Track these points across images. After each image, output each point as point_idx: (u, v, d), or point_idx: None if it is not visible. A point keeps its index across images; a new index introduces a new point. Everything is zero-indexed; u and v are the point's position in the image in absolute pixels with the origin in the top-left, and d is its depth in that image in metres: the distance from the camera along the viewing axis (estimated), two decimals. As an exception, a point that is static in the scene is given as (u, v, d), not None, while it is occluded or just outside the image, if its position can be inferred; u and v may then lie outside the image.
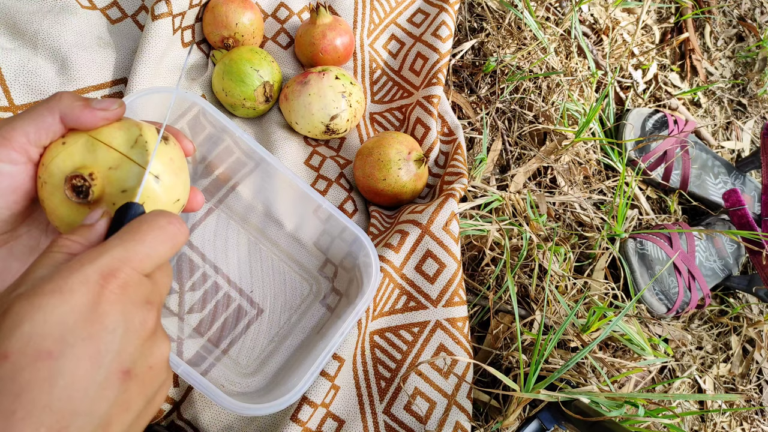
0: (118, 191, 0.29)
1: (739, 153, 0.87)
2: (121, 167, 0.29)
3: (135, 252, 0.24)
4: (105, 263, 0.22)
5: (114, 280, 0.22)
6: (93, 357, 0.21)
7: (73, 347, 0.21)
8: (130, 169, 0.29)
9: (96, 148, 0.29)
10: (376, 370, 0.52)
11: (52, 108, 0.28)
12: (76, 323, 0.21)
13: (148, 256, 0.24)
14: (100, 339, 0.21)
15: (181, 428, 0.48)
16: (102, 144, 0.29)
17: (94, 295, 0.22)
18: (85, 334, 0.21)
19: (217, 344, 0.50)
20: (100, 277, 0.22)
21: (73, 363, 0.20)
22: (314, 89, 0.56)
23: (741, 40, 0.96)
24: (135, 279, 0.23)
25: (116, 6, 0.58)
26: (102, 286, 0.22)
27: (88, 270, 0.22)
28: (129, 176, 0.29)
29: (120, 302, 0.22)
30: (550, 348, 0.52)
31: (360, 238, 0.46)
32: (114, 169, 0.29)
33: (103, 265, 0.22)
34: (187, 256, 0.52)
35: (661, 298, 0.67)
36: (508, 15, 0.72)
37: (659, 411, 0.52)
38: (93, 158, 0.29)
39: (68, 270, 0.22)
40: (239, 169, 0.52)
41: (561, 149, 0.70)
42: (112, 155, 0.29)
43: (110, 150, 0.29)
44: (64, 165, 0.28)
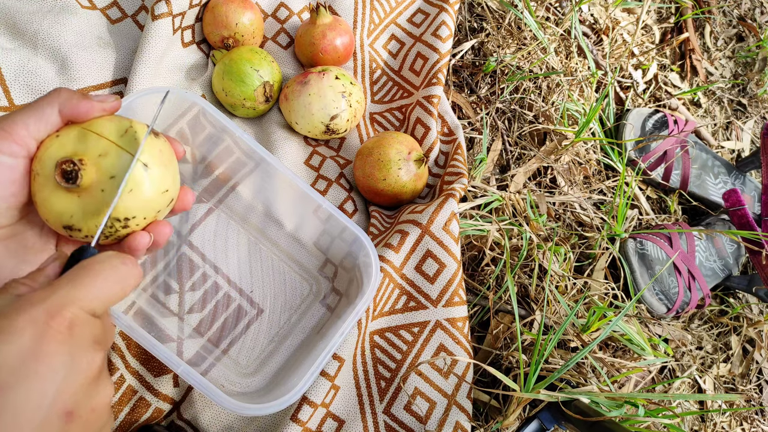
0: (107, 177, 0.29)
1: (739, 153, 0.87)
2: (110, 154, 0.29)
3: (84, 292, 0.23)
4: (52, 303, 0.22)
5: (61, 320, 0.22)
6: (36, 397, 0.21)
7: (16, 387, 0.20)
8: (120, 156, 0.29)
9: (87, 138, 0.29)
10: (376, 370, 0.52)
11: (52, 101, 0.28)
12: (21, 362, 0.21)
13: (97, 297, 0.24)
14: (45, 379, 0.21)
15: (181, 428, 0.48)
16: (93, 133, 0.29)
17: (39, 335, 0.21)
18: (29, 373, 0.21)
19: (217, 344, 0.50)
20: (47, 316, 0.22)
21: (16, 402, 0.20)
22: (314, 89, 0.56)
23: (741, 40, 0.96)
24: (82, 319, 0.23)
25: (116, 6, 0.58)
26: (48, 325, 0.22)
27: (36, 310, 0.22)
28: (118, 163, 0.29)
29: (66, 343, 0.22)
30: (550, 348, 0.52)
31: (360, 238, 0.46)
32: (103, 156, 0.29)
33: (50, 305, 0.22)
34: (187, 256, 0.52)
35: (661, 298, 0.67)
36: (508, 15, 0.72)
37: (659, 411, 0.52)
38: (84, 146, 0.29)
39: (15, 310, 0.22)
40: (239, 169, 0.52)
41: (561, 149, 0.70)
42: (102, 143, 0.29)
43: (100, 138, 0.29)
44: (56, 154, 0.29)
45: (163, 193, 0.31)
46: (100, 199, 0.29)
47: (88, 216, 0.29)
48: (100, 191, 0.29)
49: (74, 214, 0.29)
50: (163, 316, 0.49)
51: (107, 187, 0.29)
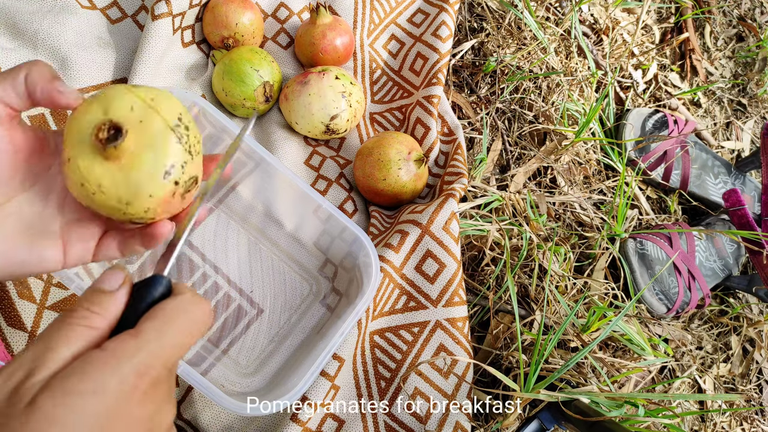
0: (145, 146, 0.28)
1: (739, 153, 0.87)
2: (150, 123, 0.28)
3: (168, 349, 0.23)
4: (140, 360, 0.22)
5: (147, 379, 0.22)
6: None
7: None
8: (159, 125, 0.28)
9: (131, 101, 0.28)
10: (376, 370, 0.52)
11: (20, 70, 0.27)
12: (107, 425, 0.20)
13: (177, 351, 0.23)
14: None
15: (181, 428, 0.48)
16: (137, 97, 0.28)
17: (127, 396, 0.21)
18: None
19: (217, 344, 0.50)
20: (135, 376, 0.21)
21: None
22: (314, 89, 0.56)
23: (741, 40, 0.96)
24: (164, 375, 0.23)
25: (116, 6, 0.58)
26: (136, 386, 0.21)
27: (126, 369, 0.21)
28: (156, 132, 0.28)
29: (150, 402, 0.22)
30: (550, 348, 0.52)
31: (360, 238, 0.46)
32: (144, 123, 0.28)
33: (139, 364, 0.22)
34: (187, 256, 0.52)
35: (661, 298, 0.67)
36: (508, 15, 0.72)
37: (659, 411, 0.52)
38: (127, 112, 0.28)
39: (104, 367, 0.21)
40: (239, 169, 0.52)
41: (561, 149, 0.70)
42: (147, 111, 0.28)
43: (145, 105, 0.28)
44: (94, 117, 0.28)
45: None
46: (135, 164, 0.28)
47: (120, 183, 0.28)
48: (137, 157, 0.28)
49: (106, 179, 0.28)
50: (163, 316, 0.49)
51: (144, 154, 0.28)
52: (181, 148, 0.29)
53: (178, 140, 0.29)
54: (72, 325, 0.22)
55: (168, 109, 0.29)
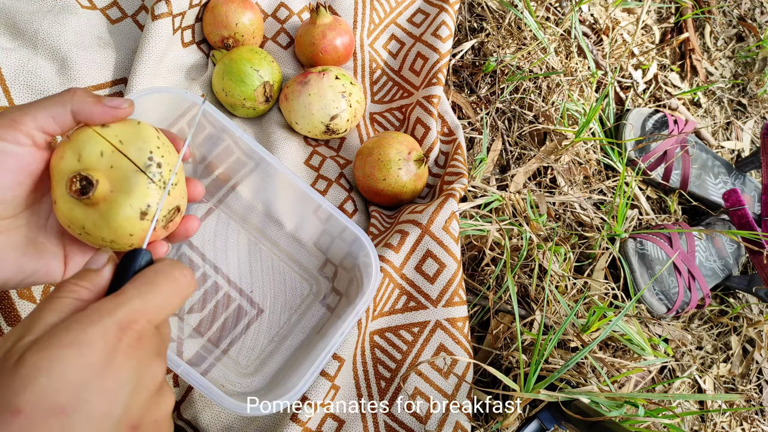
0: (118, 190, 0.29)
1: (739, 153, 0.87)
2: (122, 167, 0.30)
3: (150, 304, 0.24)
4: (122, 315, 0.22)
5: (131, 333, 0.22)
6: (105, 413, 0.21)
7: (87, 403, 0.21)
8: (130, 169, 0.30)
9: (97, 144, 0.29)
10: (376, 370, 0.52)
11: (65, 102, 0.29)
12: (92, 378, 0.21)
13: (161, 309, 0.24)
14: (113, 394, 0.21)
15: (181, 428, 0.48)
16: (104, 140, 0.30)
17: (110, 349, 0.22)
18: (100, 390, 0.21)
19: (217, 344, 0.50)
20: (117, 329, 0.22)
21: (86, 419, 0.20)
22: (314, 89, 0.56)
23: (741, 40, 0.96)
24: (149, 331, 0.23)
25: (116, 6, 0.58)
26: (119, 339, 0.22)
27: (107, 322, 0.22)
28: (129, 176, 0.30)
29: (135, 356, 0.22)
30: (550, 348, 0.52)
31: (360, 238, 0.46)
32: (115, 169, 0.29)
33: (120, 317, 0.22)
34: (187, 256, 0.52)
35: (661, 298, 0.67)
36: (508, 15, 0.72)
37: (659, 411, 0.52)
38: (95, 156, 0.29)
39: (87, 321, 0.22)
40: (239, 169, 0.52)
41: (561, 149, 0.70)
42: (113, 154, 0.30)
43: (112, 149, 0.30)
44: (67, 166, 0.29)
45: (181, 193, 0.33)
46: (112, 209, 0.29)
47: (101, 225, 0.30)
48: (112, 202, 0.29)
49: (88, 223, 0.30)
50: (163, 316, 0.49)
51: (119, 198, 0.29)
52: (155, 187, 0.30)
53: (150, 181, 0.30)
54: (60, 298, 0.23)
55: (138, 148, 0.30)
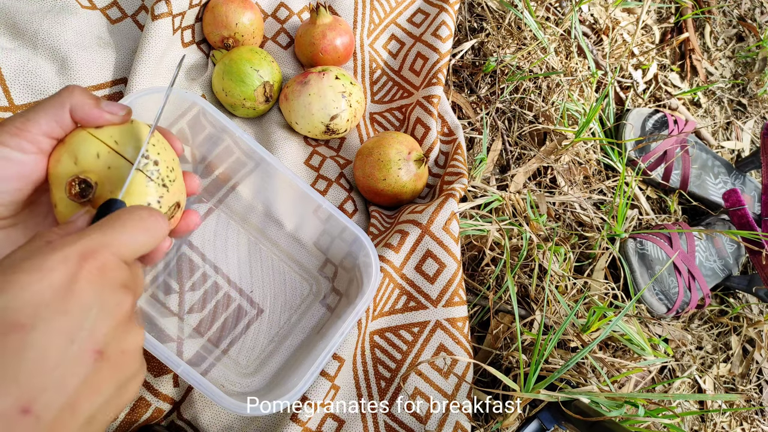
0: (117, 189, 0.30)
1: (739, 153, 0.87)
2: (120, 167, 0.30)
3: (114, 238, 0.24)
4: (84, 245, 0.23)
5: (93, 261, 0.23)
6: (66, 332, 0.21)
7: (47, 321, 0.21)
8: (127, 167, 0.30)
9: (93, 146, 0.30)
10: (376, 370, 0.52)
11: (64, 102, 0.29)
12: (52, 299, 0.21)
13: (126, 244, 0.24)
14: (75, 315, 0.21)
15: (181, 428, 0.48)
16: (100, 142, 0.30)
17: (71, 274, 0.22)
18: (60, 309, 0.21)
19: (217, 344, 0.50)
20: (79, 257, 0.22)
21: (45, 337, 0.20)
22: (314, 89, 0.56)
23: (741, 40, 0.96)
24: (113, 263, 0.24)
25: (116, 6, 0.58)
26: (80, 265, 0.22)
27: (68, 250, 0.22)
28: (126, 174, 0.30)
29: (97, 282, 0.22)
30: (550, 348, 0.52)
31: (360, 238, 0.46)
32: (113, 169, 0.30)
33: (82, 247, 0.23)
34: (187, 256, 0.52)
35: (661, 298, 0.67)
36: (508, 15, 0.72)
37: (659, 411, 0.52)
38: (91, 158, 0.30)
39: (48, 250, 0.22)
40: (239, 169, 0.52)
41: (561, 149, 0.70)
42: (110, 155, 0.30)
43: (108, 149, 0.30)
44: (65, 170, 0.29)
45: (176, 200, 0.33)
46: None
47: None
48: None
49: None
50: (163, 316, 0.49)
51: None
52: (153, 185, 0.31)
53: (149, 178, 0.30)
54: (32, 241, 0.24)
55: (134, 147, 0.30)
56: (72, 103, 0.29)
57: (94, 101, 0.30)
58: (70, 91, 0.29)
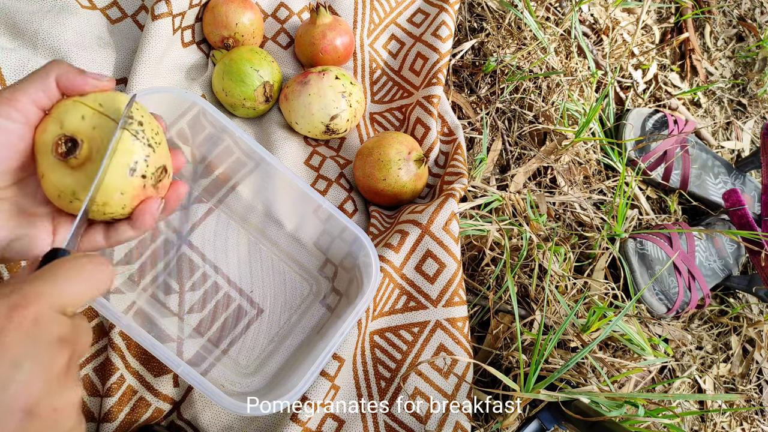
0: (102, 149, 0.30)
1: (739, 153, 0.87)
2: (104, 126, 0.30)
3: (51, 289, 0.23)
4: (17, 296, 0.22)
5: (24, 313, 0.22)
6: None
7: None
8: (112, 128, 0.31)
9: (79, 110, 0.31)
10: (376, 370, 0.52)
11: (49, 72, 0.30)
12: None
13: (65, 295, 0.23)
14: (2, 372, 0.21)
15: (181, 428, 0.48)
16: (85, 105, 0.31)
17: (0, 327, 0.21)
18: None
19: (217, 344, 0.50)
20: (9, 309, 0.22)
21: None
22: (314, 89, 0.56)
23: (741, 40, 0.96)
24: (49, 316, 0.23)
25: (116, 6, 0.58)
26: (9, 318, 0.21)
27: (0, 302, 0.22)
28: (111, 135, 0.30)
29: (29, 337, 0.22)
30: (550, 348, 0.52)
31: (360, 238, 0.46)
32: (97, 129, 0.30)
33: (15, 299, 0.22)
34: (187, 256, 0.52)
35: (661, 298, 0.67)
36: (508, 15, 0.72)
37: (659, 411, 0.52)
38: (77, 120, 0.30)
39: None
40: (239, 169, 0.52)
41: (561, 149, 0.70)
42: (94, 116, 0.31)
43: (93, 111, 0.31)
44: (51, 131, 0.30)
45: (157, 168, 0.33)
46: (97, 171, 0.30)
47: (87, 188, 0.30)
48: (99, 162, 0.30)
49: (78, 187, 0.30)
50: (163, 316, 0.49)
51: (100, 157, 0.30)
52: (139, 144, 0.31)
53: (134, 137, 0.31)
54: None
55: (117, 109, 0.31)
56: (57, 72, 0.30)
57: (78, 70, 0.30)
58: (55, 62, 0.30)
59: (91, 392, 0.46)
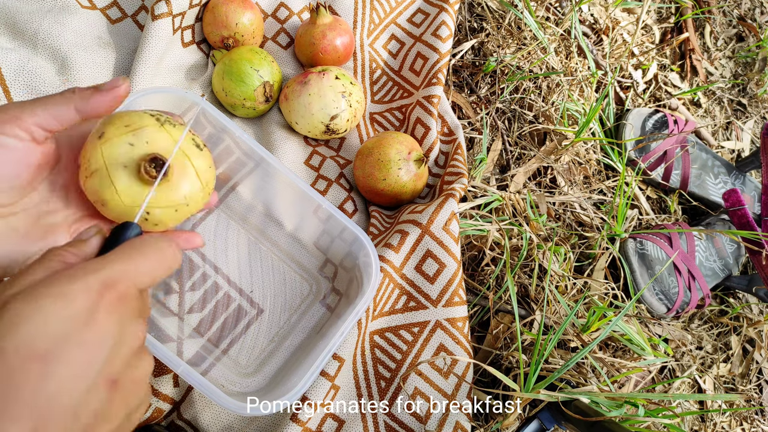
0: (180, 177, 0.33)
1: (739, 153, 0.87)
2: (177, 157, 0.33)
3: (135, 268, 0.25)
4: (107, 274, 0.23)
5: (114, 291, 0.23)
6: (84, 363, 0.21)
7: (66, 352, 0.21)
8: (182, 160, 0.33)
9: (159, 139, 0.32)
10: (376, 370, 0.52)
11: (67, 99, 0.30)
12: (73, 329, 0.21)
13: (145, 274, 0.25)
14: (94, 347, 0.22)
15: (181, 428, 0.48)
16: (168, 135, 0.33)
17: (93, 304, 0.22)
18: (80, 341, 0.21)
19: (217, 344, 0.50)
20: (101, 286, 0.23)
21: (65, 367, 0.21)
22: (314, 89, 0.56)
23: (741, 40, 0.96)
24: (132, 293, 0.24)
25: (116, 6, 0.58)
26: (102, 295, 0.23)
27: (90, 279, 0.23)
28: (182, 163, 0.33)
29: (117, 313, 0.23)
30: (550, 348, 0.52)
31: (360, 238, 0.46)
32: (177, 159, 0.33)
33: (104, 276, 0.23)
34: (187, 256, 0.52)
35: (661, 298, 0.67)
36: (508, 15, 0.72)
37: (659, 411, 0.52)
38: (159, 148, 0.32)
39: (71, 277, 0.22)
40: (239, 169, 0.52)
41: (561, 149, 0.70)
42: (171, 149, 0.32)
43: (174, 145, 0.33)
44: (124, 152, 0.31)
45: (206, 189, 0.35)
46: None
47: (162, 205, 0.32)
48: (166, 188, 0.32)
49: (137, 196, 0.32)
50: (163, 316, 0.49)
51: (180, 186, 0.33)
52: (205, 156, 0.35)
53: (199, 148, 0.35)
54: (47, 260, 0.24)
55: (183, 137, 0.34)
56: (76, 102, 0.30)
57: (92, 90, 0.31)
58: (72, 90, 0.30)
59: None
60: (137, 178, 0.31)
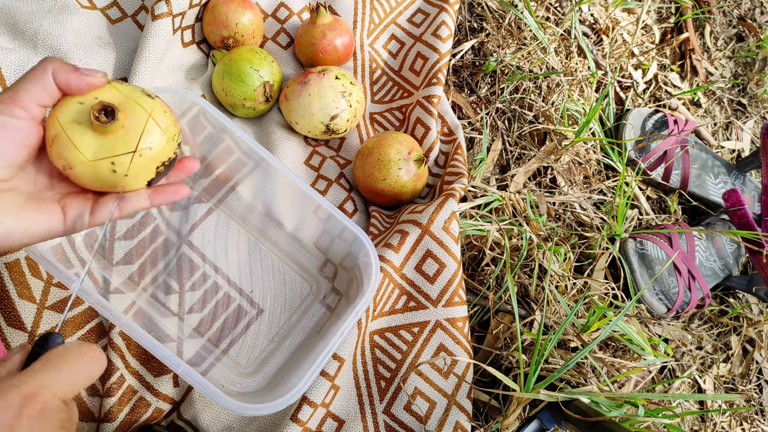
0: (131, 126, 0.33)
1: (739, 153, 0.87)
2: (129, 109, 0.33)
3: (55, 379, 0.25)
4: (26, 389, 0.23)
5: (35, 405, 0.23)
6: None
7: None
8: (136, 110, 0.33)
9: (105, 93, 0.33)
10: (376, 370, 0.52)
11: (46, 69, 0.31)
12: None
13: (66, 384, 0.25)
14: None
15: (181, 428, 0.48)
16: (115, 88, 0.33)
17: (13, 418, 0.22)
18: None
19: (217, 344, 0.50)
20: (22, 399, 0.23)
21: None
22: (314, 89, 0.56)
23: (741, 40, 0.96)
24: (54, 405, 0.24)
25: (116, 6, 0.58)
26: (22, 409, 0.23)
27: (10, 394, 0.23)
28: (138, 115, 0.33)
29: (38, 427, 0.23)
30: (550, 348, 0.52)
31: (360, 238, 0.46)
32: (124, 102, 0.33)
33: (25, 390, 0.23)
34: (187, 256, 0.52)
35: (661, 298, 0.67)
36: (508, 15, 0.72)
37: (659, 411, 0.52)
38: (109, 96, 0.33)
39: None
40: (239, 169, 0.52)
41: (561, 149, 0.70)
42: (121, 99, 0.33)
43: (120, 94, 0.33)
44: (75, 108, 0.32)
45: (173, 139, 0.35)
46: (123, 139, 0.32)
47: (111, 150, 0.32)
48: (123, 134, 0.32)
49: (98, 149, 0.32)
50: (163, 316, 0.49)
51: (130, 133, 0.32)
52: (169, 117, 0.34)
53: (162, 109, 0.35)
54: None
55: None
56: (53, 68, 0.31)
57: (72, 66, 0.31)
58: (49, 59, 0.31)
59: (91, 392, 0.46)
60: (93, 131, 0.31)
